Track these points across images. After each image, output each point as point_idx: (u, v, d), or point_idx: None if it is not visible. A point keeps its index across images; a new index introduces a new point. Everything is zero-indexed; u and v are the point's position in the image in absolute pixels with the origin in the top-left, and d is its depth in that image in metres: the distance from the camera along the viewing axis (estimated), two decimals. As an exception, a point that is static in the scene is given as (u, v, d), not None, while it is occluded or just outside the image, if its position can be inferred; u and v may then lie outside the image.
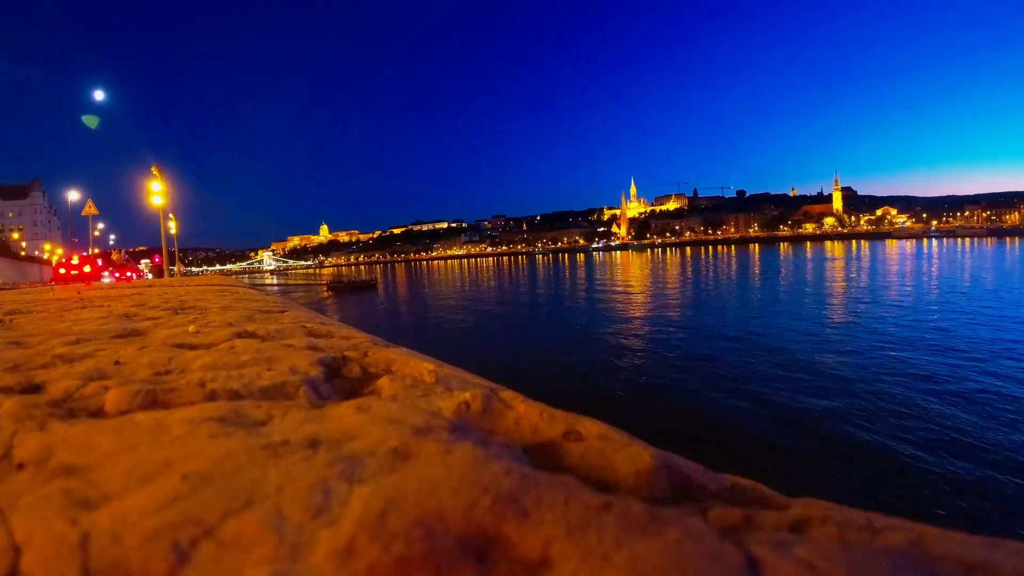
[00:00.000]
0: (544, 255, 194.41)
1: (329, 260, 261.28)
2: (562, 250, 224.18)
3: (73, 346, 1.81)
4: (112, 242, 64.99)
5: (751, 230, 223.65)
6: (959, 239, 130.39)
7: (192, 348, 1.71)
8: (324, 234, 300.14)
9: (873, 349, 13.95)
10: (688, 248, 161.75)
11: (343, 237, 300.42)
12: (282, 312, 3.28)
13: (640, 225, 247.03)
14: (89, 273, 21.35)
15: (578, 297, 34.04)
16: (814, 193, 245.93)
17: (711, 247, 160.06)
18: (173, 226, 30.17)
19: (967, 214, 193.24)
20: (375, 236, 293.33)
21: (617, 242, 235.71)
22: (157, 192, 20.34)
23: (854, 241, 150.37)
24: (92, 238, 34.83)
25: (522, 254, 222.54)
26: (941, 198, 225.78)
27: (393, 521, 0.47)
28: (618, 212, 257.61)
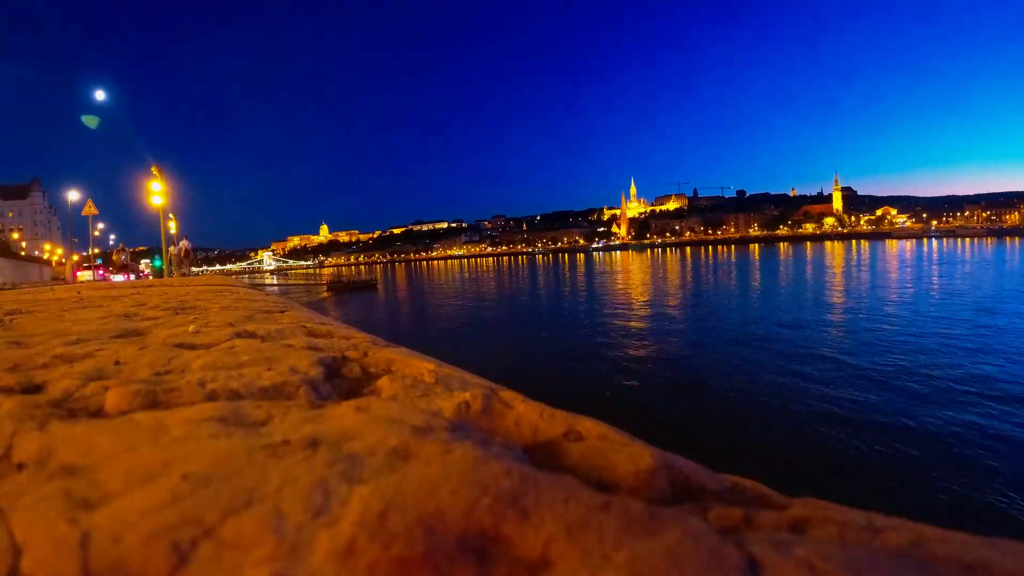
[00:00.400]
0: (544, 255, 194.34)
1: (329, 260, 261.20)
2: (562, 250, 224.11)
3: (73, 346, 1.81)
4: (112, 242, 64.96)
5: (751, 230, 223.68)
6: (959, 239, 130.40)
7: (192, 348, 1.71)
8: (324, 234, 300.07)
9: (873, 349, 13.95)
10: (688, 248, 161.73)
11: (343, 237, 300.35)
12: (282, 312, 3.28)
13: (640, 225, 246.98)
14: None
15: (578, 297, 34.04)
16: (814, 193, 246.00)
17: (711, 247, 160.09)
18: (173, 226, 30.17)
19: (967, 214, 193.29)
20: (375, 236, 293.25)
21: (617, 242, 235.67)
22: (157, 192, 20.35)
23: (854, 241, 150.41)
24: (92, 238, 34.83)
25: (522, 254, 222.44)
26: (941, 198, 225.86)
27: (393, 521, 0.47)
28: (618, 212, 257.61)
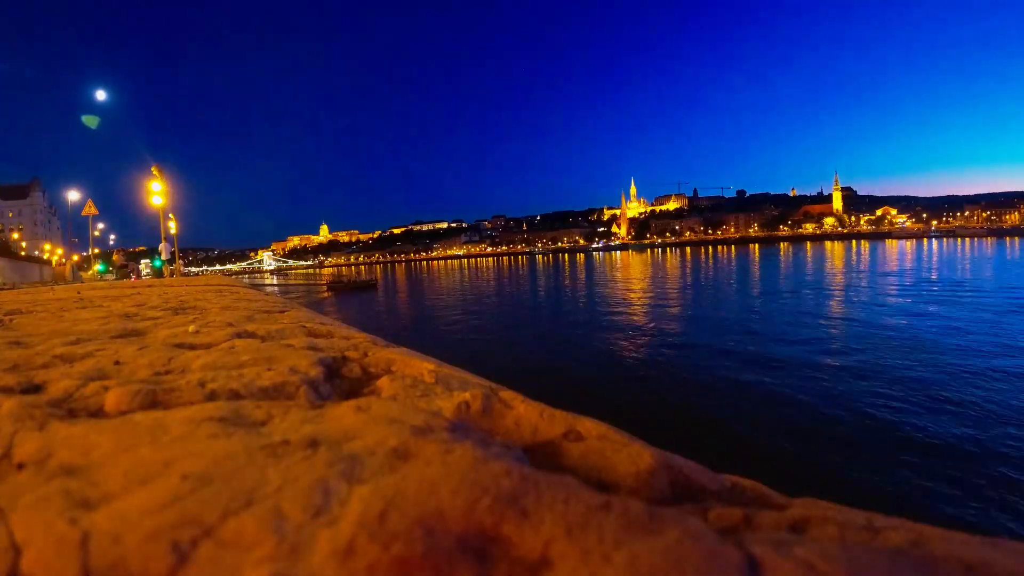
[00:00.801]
0: (544, 255, 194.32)
1: (329, 260, 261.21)
2: (562, 250, 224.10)
3: (73, 346, 1.81)
4: (112, 242, 64.95)
5: (751, 230, 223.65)
6: (959, 239, 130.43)
7: (192, 348, 1.71)
8: (324, 234, 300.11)
9: (874, 348, 13.95)
10: (688, 248, 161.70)
11: (343, 237, 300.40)
12: (282, 312, 3.28)
13: (640, 225, 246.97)
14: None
15: (578, 297, 34.04)
16: (814, 193, 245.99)
17: (711, 247, 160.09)
18: (173, 226, 30.17)
19: (967, 214, 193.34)
20: (375, 236, 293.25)
21: (617, 242, 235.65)
22: (157, 192, 20.35)
23: (854, 241, 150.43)
24: (92, 238, 34.82)
25: (522, 254, 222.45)
26: (941, 198, 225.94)
27: (393, 521, 0.47)
28: (618, 212, 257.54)
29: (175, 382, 1.11)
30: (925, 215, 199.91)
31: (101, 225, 50.74)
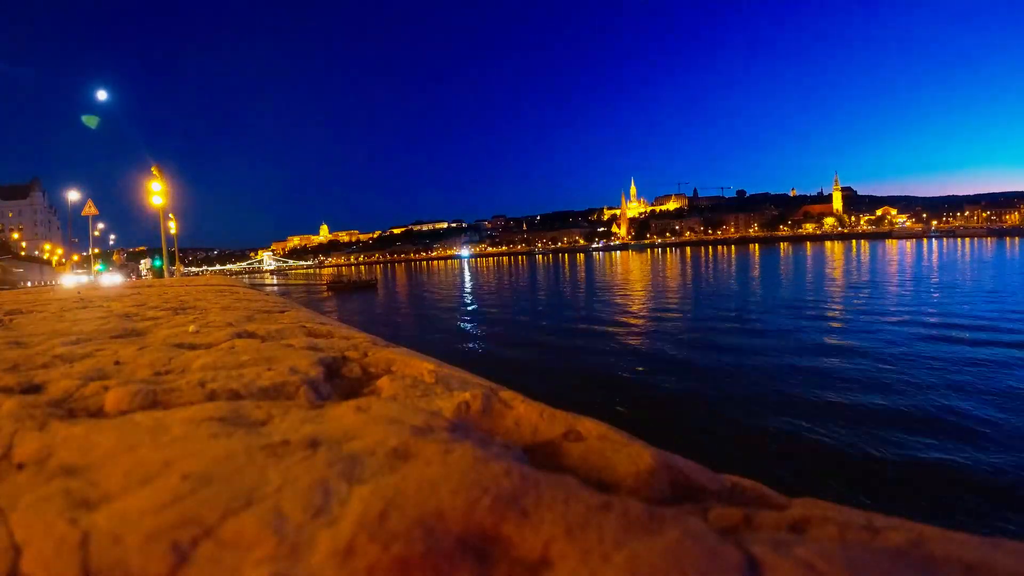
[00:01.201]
0: (544, 255, 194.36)
1: (329, 260, 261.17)
2: (562, 250, 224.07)
3: (73, 346, 1.81)
4: (112, 242, 64.96)
5: (751, 230, 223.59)
6: (959, 239, 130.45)
7: (192, 348, 1.72)
8: (324, 234, 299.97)
9: (875, 348, 13.96)
10: (688, 248, 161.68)
11: (343, 237, 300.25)
12: (282, 312, 3.28)
13: (640, 225, 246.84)
14: None
15: (578, 297, 34.04)
16: (814, 193, 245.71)
17: (711, 247, 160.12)
18: (173, 226, 30.18)
19: (967, 214, 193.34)
20: (375, 236, 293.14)
21: (617, 242, 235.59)
22: (157, 192, 20.35)
23: (854, 241, 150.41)
24: (92, 238, 34.84)
25: (522, 254, 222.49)
26: (941, 198, 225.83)
27: (393, 521, 0.47)
28: (618, 212, 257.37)
29: (175, 382, 1.11)
30: (925, 215, 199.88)
31: (101, 225, 50.78)
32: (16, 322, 3.06)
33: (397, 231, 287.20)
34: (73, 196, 33.89)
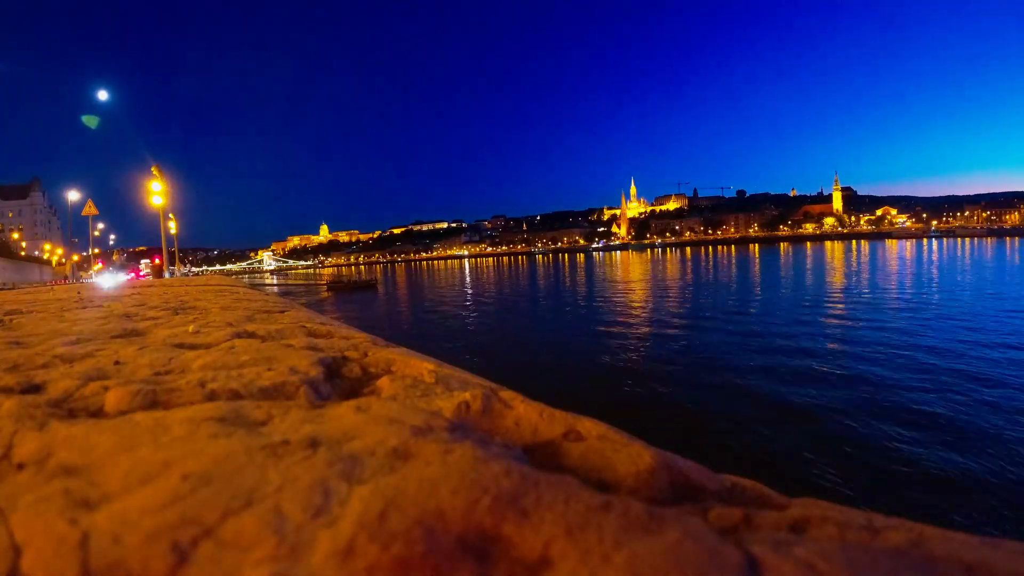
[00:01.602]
0: (544, 255, 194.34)
1: (329, 260, 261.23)
2: (562, 250, 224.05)
3: (73, 346, 1.81)
4: (112, 242, 64.93)
5: (751, 230, 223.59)
6: (959, 239, 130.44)
7: (192, 348, 1.72)
8: (324, 234, 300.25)
9: (875, 348, 13.95)
10: (688, 248, 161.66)
11: (343, 237, 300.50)
12: (282, 312, 3.28)
13: (640, 225, 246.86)
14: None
15: (578, 297, 34.04)
16: (814, 193, 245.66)
17: (711, 247, 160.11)
18: (173, 226, 30.17)
19: (967, 214, 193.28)
20: (375, 236, 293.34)
21: (617, 242, 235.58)
22: (157, 192, 20.35)
23: (854, 241, 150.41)
24: (92, 238, 34.84)
25: (522, 254, 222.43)
26: (941, 198, 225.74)
27: (393, 521, 0.47)
28: (618, 212, 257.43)
29: (175, 382, 1.11)
30: (925, 215, 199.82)
31: (101, 225, 50.76)
32: (16, 322, 3.06)
33: (397, 231, 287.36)
34: (73, 196, 33.89)
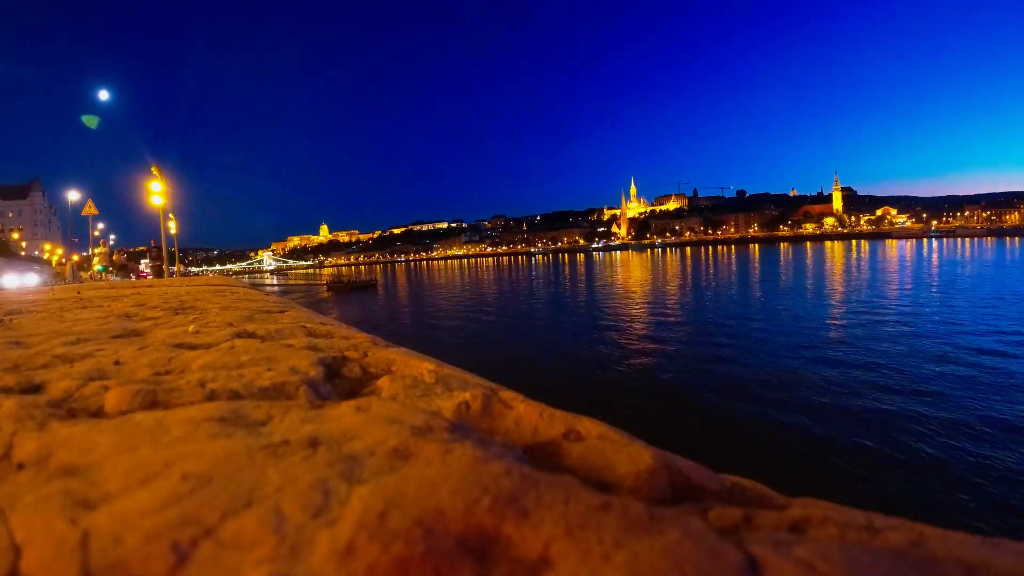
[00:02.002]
0: (544, 255, 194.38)
1: (329, 260, 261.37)
2: (562, 250, 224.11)
3: (73, 346, 1.81)
4: (112, 242, 64.97)
5: (751, 230, 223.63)
6: (959, 239, 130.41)
7: (192, 348, 1.71)
8: (324, 234, 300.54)
9: (875, 348, 13.95)
10: (688, 248, 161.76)
11: (343, 237, 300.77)
12: (282, 312, 3.28)
13: (640, 225, 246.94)
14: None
15: (578, 297, 34.05)
16: (814, 193, 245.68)
17: (711, 247, 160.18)
18: (173, 226, 30.15)
19: (967, 214, 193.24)
20: (375, 236, 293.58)
21: (617, 242, 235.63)
22: (157, 192, 20.33)
23: (854, 241, 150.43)
24: (92, 238, 34.83)
25: (522, 254, 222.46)
26: (941, 198, 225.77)
27: (393, 521, 0.47)
28: (618, 212, 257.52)
29: (175, 382, 1.11)
30: (925, 215, 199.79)
31: (101, 225, 50.72)
32: (16, 322, 3.06)
33: (397, 231, 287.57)
34: (73, 196, 33.89)
